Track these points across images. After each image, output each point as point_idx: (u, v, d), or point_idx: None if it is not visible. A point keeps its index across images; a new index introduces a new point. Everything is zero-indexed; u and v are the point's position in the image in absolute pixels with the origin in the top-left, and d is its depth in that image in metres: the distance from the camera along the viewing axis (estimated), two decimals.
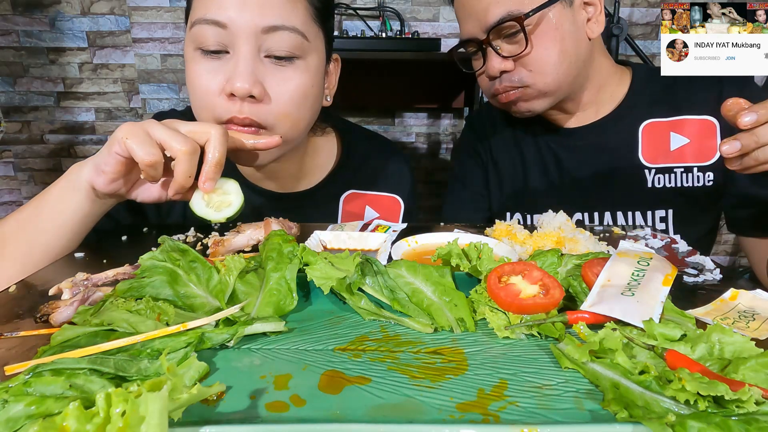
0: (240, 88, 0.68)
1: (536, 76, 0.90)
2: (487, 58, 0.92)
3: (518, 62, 0.90)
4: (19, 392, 0.32)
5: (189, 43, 0.73)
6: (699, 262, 0.64)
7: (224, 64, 0.71)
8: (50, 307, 0.47)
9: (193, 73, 0.72)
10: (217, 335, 0.42)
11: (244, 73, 0.68)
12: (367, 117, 2.72)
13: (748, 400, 0.30)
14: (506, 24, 0.87)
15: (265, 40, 0.70)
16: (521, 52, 0.88)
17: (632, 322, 0.42)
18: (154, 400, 0.27)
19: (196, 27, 0.70)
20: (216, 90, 0.70)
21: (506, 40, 0.90)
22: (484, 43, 0.91)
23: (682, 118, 0.97)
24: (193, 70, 0.72)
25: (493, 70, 0.91)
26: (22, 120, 2.61)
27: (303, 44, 0.72)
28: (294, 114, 0.75)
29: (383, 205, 0.97)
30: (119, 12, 2.49)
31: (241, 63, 0.69)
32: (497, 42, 0.91)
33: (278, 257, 0.51)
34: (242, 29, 0.68)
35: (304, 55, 0.74)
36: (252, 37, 0.69)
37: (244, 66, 0.69)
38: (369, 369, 0.39)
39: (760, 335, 0.43)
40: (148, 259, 0.50)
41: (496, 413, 0.34)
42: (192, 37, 0.71)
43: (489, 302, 0.47)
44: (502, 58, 0.90)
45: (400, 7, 2.49)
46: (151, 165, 0.58)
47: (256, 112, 0.71)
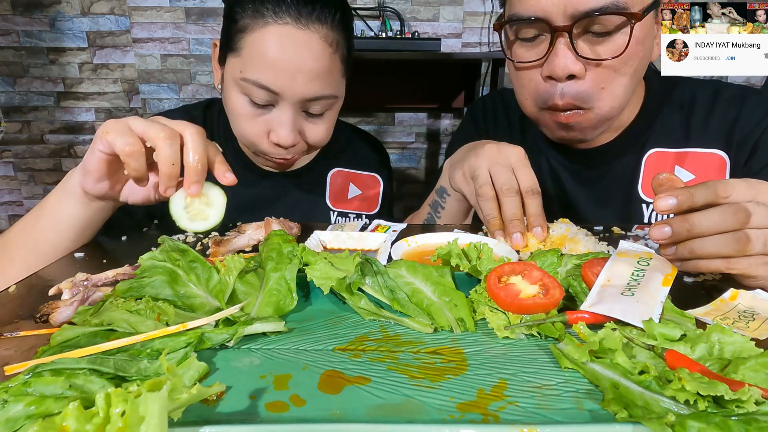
0: (285, 142, 0.82)
1: (606, 98, 0.74)
2: (556, 52, 0.71)
3: (592, 71, 0.73)
4: (18, 392, 0.32)
5: (234, 85, 0.80)
6: None
7: (268, 113, 0.82)
8: (50, 307, 0.47)
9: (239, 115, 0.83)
10: (217, 335, 0.42)
11: (287, 129, 0.81)
12: (367, 117, 2.72)
13: (747, 400, 0.30)
14: (608, 17, 0.68)
15: (307, 105, 0.82)
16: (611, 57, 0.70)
17: (632, 322, 0.42)
18: (154, 400, 0.27)
19: (248, 84, 0.78)
20: (263, 132, 0.83)
21: (591, 39, 0.72)
22: (561, 31, 0.70)
23: (689, 151, 0.85)
24: (239, 111, 0.82)
25: (560, 69, 0.72)
26: (22, 120, 2.61)
27: (335, 102, 0.85)
28: (324, 140, 0.89)
29: (365, 183, 1.06)
30: (119, 12, 2.49)
31: (285, 121, 0.81)
32: (579, 36, 0.71)
33: (278, 257, 0.51)
34: (292, 96, 0.79)
35: (335, 105, 0.87)
36: (298, 103, 0.80)
37: (288, 123, 0.81)
38: (369, 369, 0.39)
39: (759, 335, 0.43)
40: (147, 259, 0.50)
41: (495, 413, 0.34)
42: (240, 86, 0.80)
43: (489, 302, 0.47)
44: (576, 58, 0.71)
45: (400, 7, 2.49)
46: (131, 155, 0.58)
47: (296, 150, 0.86)
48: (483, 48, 2.57)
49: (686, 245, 0.51)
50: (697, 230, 0.49)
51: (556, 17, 0.70)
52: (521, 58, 0.77)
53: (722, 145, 0.84)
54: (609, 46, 0.71)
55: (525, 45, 0.77)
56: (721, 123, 0.84)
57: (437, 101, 2.64)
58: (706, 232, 0.49)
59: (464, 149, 0.83)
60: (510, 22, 0.75)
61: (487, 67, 2.37)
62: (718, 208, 0.49)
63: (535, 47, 0.75)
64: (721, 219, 0.49)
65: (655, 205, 0.50)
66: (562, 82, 0.73)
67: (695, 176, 0.85)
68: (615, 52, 0.71)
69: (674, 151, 0.86)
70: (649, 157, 0.87)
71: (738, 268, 0.50)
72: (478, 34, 2.56)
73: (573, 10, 0.69)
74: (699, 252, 0.50)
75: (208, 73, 2.58)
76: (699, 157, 0.85)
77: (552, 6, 0.70)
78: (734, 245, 0.49)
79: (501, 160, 0.72)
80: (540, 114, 0.80)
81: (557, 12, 0.70)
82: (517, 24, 0.75)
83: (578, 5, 0.68)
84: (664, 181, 0.53)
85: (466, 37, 2.57)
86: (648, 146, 0.87)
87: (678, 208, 0.49)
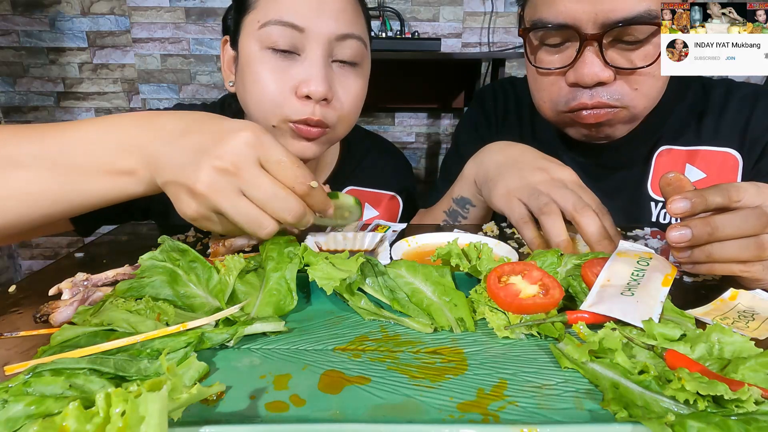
0: (316, 92, 0.71)
1: (640, 98, 0.72)
2: (584, 59, 0.70)
3: (622, 75, 0.71)
4: (18, 392, 0.32)
5: (252, 41, 0.73)
6: None
7: (294, 65, 0.72)
8: (50, 307, 0.47)
9: (262, 71, 0.73)
10: (217, 335, 0.42)
11: (319, 77, 0.71)
12: (367, 117, 2.72)
13: (747, 400, 0.30)
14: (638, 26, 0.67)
15: (335, 46, 0.73)
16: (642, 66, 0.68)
17: (632, 322, 0.42)
18: (154, 400, 0.27)
19: (269, 27, 0.71)
20: (289, 90, 0.72)
21: (621, 46, 0.70)
22: (591, 39, 0.68)
23: (701, 149, 0.84)
24: (261, 68, 0.73)
25: (588, 78, 0.70)
26: (22, 120, 2.61)
27: (364, 52, 0.77)
28: (352, 116, 0.80)
29: (382, 203, 0.97)
30: (119, 12, 2.49)
31: (315, 67, 0.71)
32: (608, 45, 0.70)
33: (278, 257, 0.51)
34: (318, 35, 0.71)
35: (363, 62, 0.78)
36: (326, 42, 0.72)
37: (319, 70, 0.71)
38: (369, 369, 0.39)
39: (759, 335, 0.43)
40: (147, 259, 0.50)
41: (495, 413, 0.34)
42: (259, 37, 0.72)
43: (489, 302, 0.47)
44: (604, 66, 0.69)
45: (400, 7, 2.49)
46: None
47: (325, 114, 0.74)
48: (483, 48, 2.57)
49: (703, 249, 0.49)
50: (719, 234, 0.48)
51: (585, 25, 0.68)
52: (545, 63, 0.75)
53: (735, 144, 0.83)
54: (638, 55, 0.70)
55: (550, 51, 0.75)
56: (734, 122, 0.83)
57: (437, 101, 2.64)
58: (727, 236, 0.48)
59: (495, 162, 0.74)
60: (536, 28, 0.73)
61: (487, 67, 2.38)
62: (740, 213, 0.48)
63: (560, 53, 0.74)
64: (743, 223, 0.48)
65: (669, 208, 0.49)
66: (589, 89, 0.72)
67: (706, 175, 0.84)
68: (645, 60, 0.69)
69: (685, 149, 0.85)
70: (659, 154, 0.86)
71: (752, 271, 0.50)
72: (478, 34, 2.56)
73: (605, 19, 0.67)
74: (717, 256, 0.49)
75: (208, 73, 2.58)
76: (710, 156, 0.84)
77: (582, 13, 0.68)
78: (755, 250, 0.48)
79: (558, 183, 0.66)
80: (560, 116, 0.78)
81: (587, 20, 0.68)
82: (544, 30, 0.73)
83: (610, 14, 0.66)
84: (672, 181, 0.52)
85: (466, 37, 2.57)
86: (659, 144, 0.86)
87: (692, 211, 0.48)
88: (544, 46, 0.75)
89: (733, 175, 0.83)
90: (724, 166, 0.83)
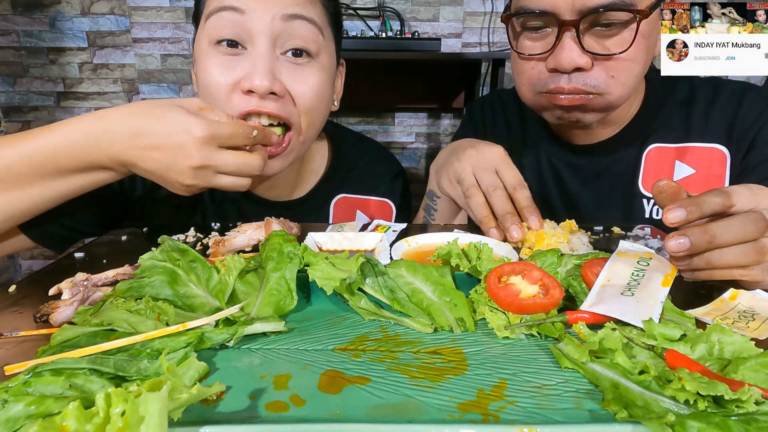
0: (260, 86, 0.67)
1: (616, 86, 0.74)
2: (562, 45, 0.72)
3: (599, 63, 0.73)
4: (19, 392, 0.32)
5: (202, 38, 0.72)
6: None
7: (240, 60, 0.70)
8: (50, 307, 0.47)
9: (209, 67, 0.70)
10: (217, 335, 0.42)
11: (262, 69, 0.68)
12: (367, 117, 2.72)
13: (747, 400, 0.30)
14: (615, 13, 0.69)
15: (283, 33, 0.69)
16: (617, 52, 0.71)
17: (632, 322, 0.42)
18: (154, 400, 0.27)
19: (212, 17, 0.69)
20: (231, 85, 0.69)
21: (598, 33, 0.72)
22: (568, 26, 0.71)
23: (690, 146, 0.86)
24: (207, 64, 0.71)
25: (566, 62, 0.72)
26: (22, 120, 2.61)
27: (319, 39, 0.72)
28: (313, 112, 0.75)
29: (374, 209, 0.95)
30: (119, 12, 2.49)
31: (259, 59, 0.68)
32: (585, 31, 0.72)
33: (278, 257, 0.51)
34: (261, 17, 0.67)
35: (319, 54, 0.73)
36: (269, 27, 0.68)
37: (263, 62, 0.68)
38: (369, 369, 0.39)
39: (759, 335, 0.43)
40: (147, 259, 0.50)
41: (495, 413, 0.34)
42: (206, 31, 0.70)
43: (489, 302, 0.47)
44: (582, 52, 0.71)
45: (400, 7, 2.49)
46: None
47: (279, 107, 0.70)
48: (483, 48, 2.57)
49: (703, 256, 0.49)
50: (718, 241, 0.48)
51: (564, 11, 0.71)
52: (527, 49, 0.77)
53: (722, 139, 0.85)
54: (615, 41, 0.72)
55: (531, 37, 0.77)
56: (722, 118, 0.85)
57: (437, 101, 2.64)
58: (727, 243, 0.48)
59: (446, 153, 0.85)
60: (518, 14, 0.76)
61: (487, 67, 2.37)
62: (737, 218, 0.48)
63: (541, 39, 0.76)
64: (741, 229, 0.48)
65: (665, 219, 0.49)
66: (568, 74, 0.74)
67: (696, 170, 0.86)
68: (621, 47, 0.71)
69: (675, 146, 0.87)
70: (649, 152, 0.88)
71: (752, 275, 0.50)
72: (478, 34, 2.56)
73: (581, 5, 0.69)
74: (717, 262, 0.49)
75: None
76: (699, 152, 0.86)
77: (562, 1, 0.70)
78: (754, 255, 0.48)
79: (483, 162, 0.76)
80: (537, 98, 0.80)
81: (566, 7, 0.70)
82: (525, 16, 0.75)
83: (587, 1, 0.69)
84: (665, 188, 0.52)
85: (466, 37, 2.57)
86: (649, 141, 0.88)
87: (687, 220, 0.48)
88: (525, 32, 0.78)
89: (721, 170, 0.84)
90: (711, 161, 0.85)
